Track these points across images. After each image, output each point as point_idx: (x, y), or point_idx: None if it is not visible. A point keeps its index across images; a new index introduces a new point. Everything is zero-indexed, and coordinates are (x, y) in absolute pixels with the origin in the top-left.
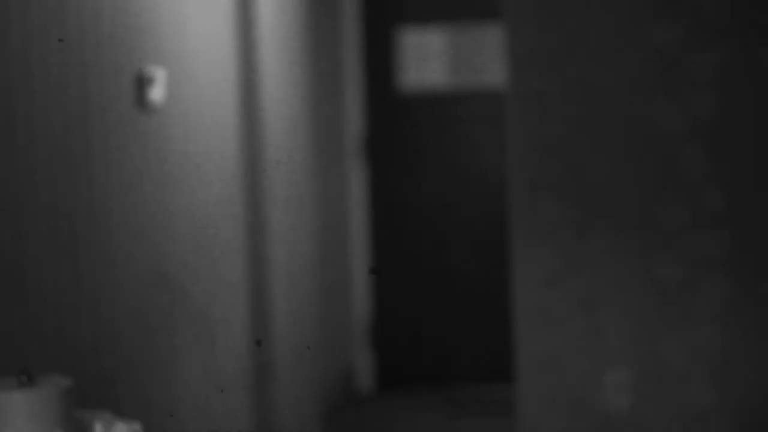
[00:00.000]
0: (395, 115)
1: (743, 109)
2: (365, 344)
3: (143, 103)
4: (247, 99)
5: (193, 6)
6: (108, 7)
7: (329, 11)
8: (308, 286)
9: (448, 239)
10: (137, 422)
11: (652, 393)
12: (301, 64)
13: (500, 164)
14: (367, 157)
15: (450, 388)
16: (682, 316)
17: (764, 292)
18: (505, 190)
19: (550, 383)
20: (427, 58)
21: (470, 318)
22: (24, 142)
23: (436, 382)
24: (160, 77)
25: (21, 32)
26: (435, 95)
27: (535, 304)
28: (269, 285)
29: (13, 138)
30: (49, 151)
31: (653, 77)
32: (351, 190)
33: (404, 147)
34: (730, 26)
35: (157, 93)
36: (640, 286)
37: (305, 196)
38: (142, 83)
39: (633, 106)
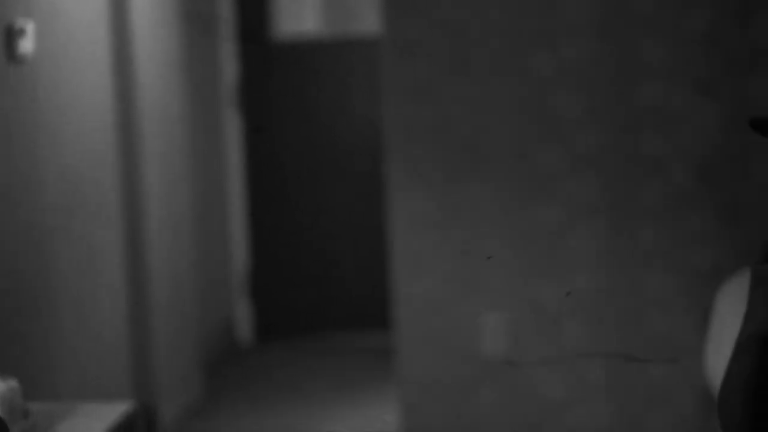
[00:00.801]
0: (270, 64)
1: (616, 52)
2: (243, 295)
3: (13, 55)
4: (120, 49)
5: None
6: None
7: None
8: (186, 237)
9: (325, 187)
10: (14, 379)
11: (530, 336)
12: (175, 13)
13: (376, 112)
14: (242, 106)
15: (329, 337)
16: (558, 260)
17: (638, 234)
18: (381, 138)
19: (428, 329)
20: (301, 5)
21: (349, 266)
22: None
23: (315, 331)
24: (29, 29)
25: None
26: (309, 43)
27: (412, 250)
28: (146, 238)
29: None
30: None
31: (526, 22)
32: (226, 138)
33: (279, 95)
34: None
35: (27, 45)
36: (516, 230)
37: (181, 145)
38: (11, 35)
39: (507, 52)
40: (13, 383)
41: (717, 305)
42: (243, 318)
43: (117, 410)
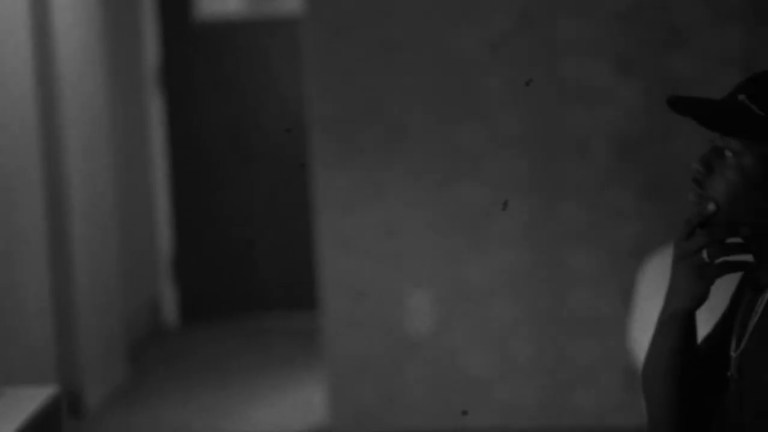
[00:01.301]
0: (192, 44)
1: (538, 30)
2: (168, 277)
3: None
4: (39, 32)
5: None
6: None
7: None
8: (109, 220)
9: (249, 169)
10: None
11: (455, 314)
12: None
13: (300, 92)
14: (164, 88)
15: (255, 318)
16: (484, 238)
17: (562, 211)
18: (305, 119)
19: (354, 308)
20: None
21: (274, 247)
22: None
23: (241, 312)
24: None
25: None
26: (232, 23)
27: (337, 230)
28: (68, 222)
29: None
30: None
31: (449, 2)
32: (149, 120)
33: (202, 76)
34: None
35: None
36: (441, 209)
37: (103, 129)
38: None
39: (430, 31)
40: None
41: (641, 282)
42: (168, 300)
43: (41, 394)
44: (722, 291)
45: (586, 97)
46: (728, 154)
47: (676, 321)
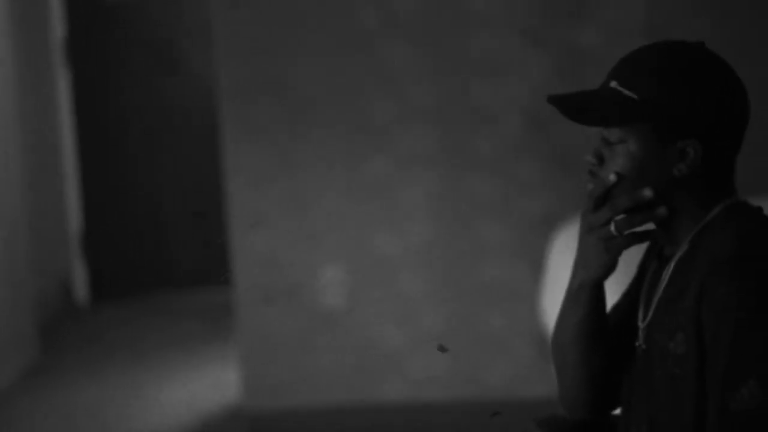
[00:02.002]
0: (100, 21)
1: (447, 2)
2: (78, 255)
3: None
4: None
5: None
6: None
7: None
8: (17, 198)
9: (159, 146)
10: None
11: (367, 288)
12: None
13: (210, 68)
14: (72, 63)
15: (168, 295)
16: (394, 211)
17: (472, 183)
18: (213, 95)
19: (267, 283)
20: None
21: (186, 223)
22: None
23: (153, 289)
24: None
25: None
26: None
27: (249, 204)
28: None
29: None
30: None
31: None
32: (57, 98)
33: (110, 53)
34: None
35: None
36: (352, 183)
37: (9, 106)
38: None
39: (340, 5)
40: None
41: (550, 252)
42: (78, 278)
43: None
44: (630, 263)
45: (495, 69)
46: (616, 142)
47: (585, 291)
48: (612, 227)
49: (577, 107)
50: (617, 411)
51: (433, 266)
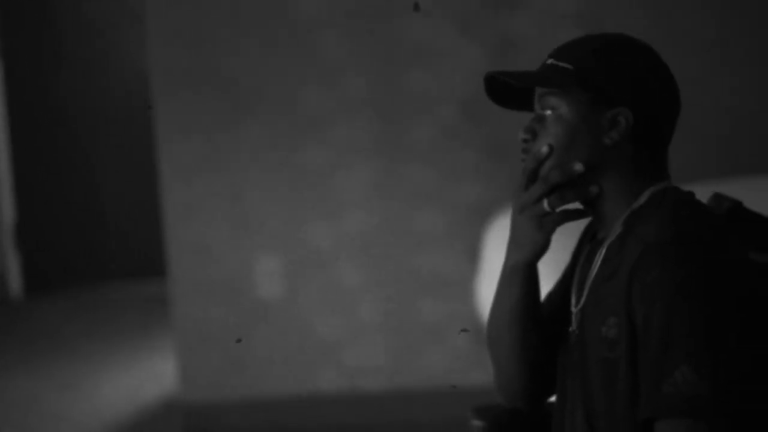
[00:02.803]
0: (34, 11)
1: None
2: (12, 246)
3: None
4: None
5: None
6: None
7: None
8: None
9: (95, 136)
10: None
11: (304, 278)
12: None
13: (143, 58)
14: (4, 53)
15: (104, 287)
16: (331, 201)
17: (407, 172)
18: (147, 85)
19: (203, 275)
20: None
21: (122, 215)
22: None
23: (89, 281)
24: None
25: None
26: None
27: (184, 196)
28: None
29: None
30: None
31: None
32: None
33: (45, 44)
34: None
35: None
36: (288, 173)
37: None
38: None
39: None
40: None
41: (486, 240)
42: (12, 269)
43: None
44: (565, 251)
45: (429, 59)
46: (548, 113)
47: (518, 273)
48: (545, 204)
49: (517, 75)
50: (553, 398)
51: (369, 256)
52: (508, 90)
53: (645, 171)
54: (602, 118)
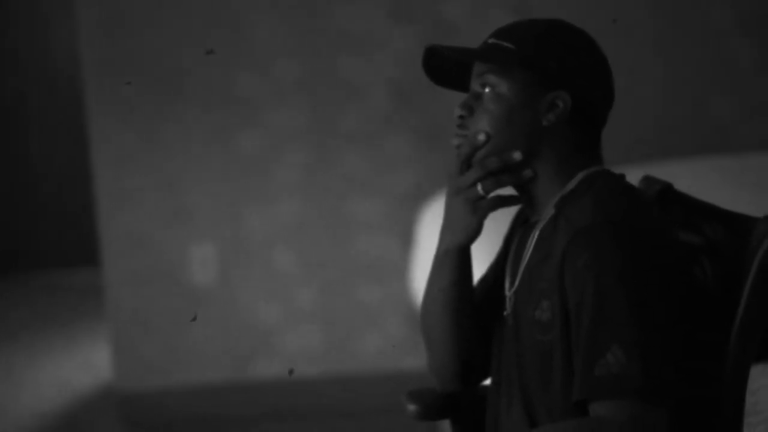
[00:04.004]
0: None
1: None
2: None
3: None
4: None
5: None
6: None
7: None
8: None
9: (25, 125)
10: None
11: (239, 265)
12: None
13: (74, 47)
14: None
15: (35, 276)
16: (264, 188)
17: (341, 159)
18: (80, 75)
19: (137, 263)
20: None
21: (53, 204)
22: None
23: (20, 269)
24: None
25: None
26: None
27: (117, 185)
28: None
29: None
30: None
31: None
32: None
33: None
34: None
35: None
36: (221, 160)
37: None
38: None
39: None
40: None
41: (420, 226)
42: None
43: None
44: (499, 232)
45: (361, 43)
46: (486, 91)
47: (451, 256)
48: (479, 188)
49: (459, 49)
50: (487, 381)
51: (304, 242)
52: (445, 69)
53: (578, 154)
54: (541, 100)
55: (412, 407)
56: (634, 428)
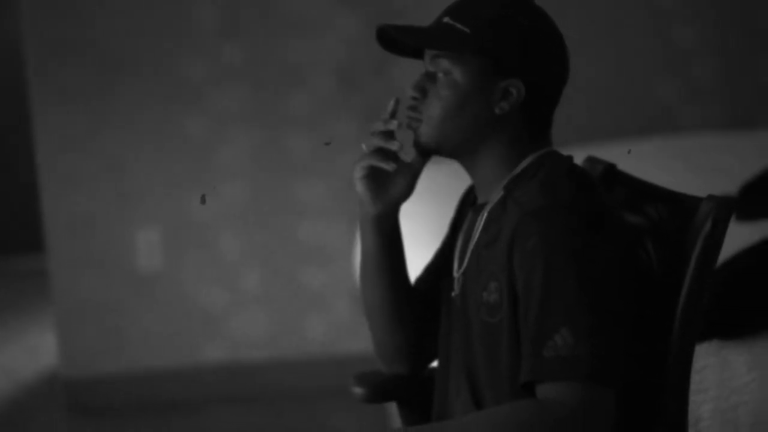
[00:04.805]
0: None
1: None
2: None
3: None
4: None
5: None
6: None
7: None
8: None
9: None
10: None
11: (184, 249)
12: None
13: (17, 29)
14: None
15: None
16: (209, 172)
17: (286, 142)
18: (21, 57)
19: (82, 248)
20: None
21: None
22: None
23: None
24: None
25: None
26: None
27: (61, 168)
28: None
29: None
30: None
31: None
32: None
33: None
34: None
35: None
36: (166, 143)
37: None
38: None
39: None
40: None
41: None
42: None
43: None
44: (445, 215)
45: (306, 27)
46: (440, 75)
47: (368, 224)
48: (362, 162)
49: (410, 32)
50: (435, 364)
51: (249, 226)
52: (399, 40)
53: (528, 138)
54: (494, 88)
55: (358, 390)
56: (582, 410)
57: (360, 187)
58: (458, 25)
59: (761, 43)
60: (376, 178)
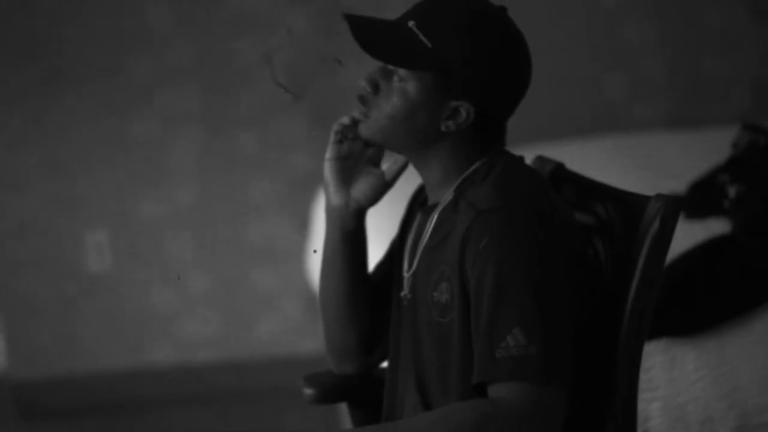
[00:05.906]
0: None
1: None
2: None
3: None
4: None
5: None
6: None
7: None
8: None
9: None
10: None
11: (132, 251)
12: None
13: None
14: None
15: None
16: (158, 172)
17: (234, 141)
18: None
19: (29, 250)
20: None
21: None
22: None
23: None
24: None
25: None
26: None
27: (5, 170)
28: None
29: None
30: None
31: None
32: None
33: None
34: None
35: None
36: (113, 144)
37: None
38: None
39: None
40: None
41: (316, 209)
42: None
43: None
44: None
45: (255, 26)
46: (395, 78)
47: (329, 214)
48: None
49: (370, 38)
50: (385, 364)
51: (199, 227)
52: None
53: (480, 143)
54: (443, 106)
55: (309, 391)
56: (533, 409)
57: (327, 170)
58: (421, 36)
59: (707, 40)
60: (343, 168)
